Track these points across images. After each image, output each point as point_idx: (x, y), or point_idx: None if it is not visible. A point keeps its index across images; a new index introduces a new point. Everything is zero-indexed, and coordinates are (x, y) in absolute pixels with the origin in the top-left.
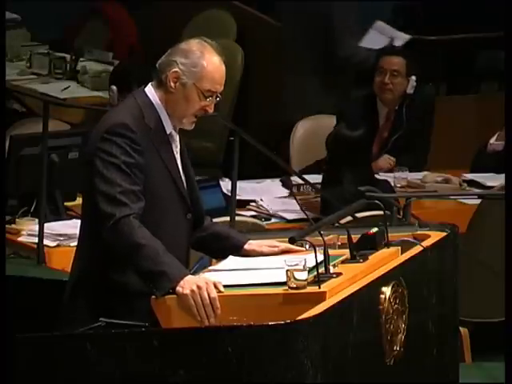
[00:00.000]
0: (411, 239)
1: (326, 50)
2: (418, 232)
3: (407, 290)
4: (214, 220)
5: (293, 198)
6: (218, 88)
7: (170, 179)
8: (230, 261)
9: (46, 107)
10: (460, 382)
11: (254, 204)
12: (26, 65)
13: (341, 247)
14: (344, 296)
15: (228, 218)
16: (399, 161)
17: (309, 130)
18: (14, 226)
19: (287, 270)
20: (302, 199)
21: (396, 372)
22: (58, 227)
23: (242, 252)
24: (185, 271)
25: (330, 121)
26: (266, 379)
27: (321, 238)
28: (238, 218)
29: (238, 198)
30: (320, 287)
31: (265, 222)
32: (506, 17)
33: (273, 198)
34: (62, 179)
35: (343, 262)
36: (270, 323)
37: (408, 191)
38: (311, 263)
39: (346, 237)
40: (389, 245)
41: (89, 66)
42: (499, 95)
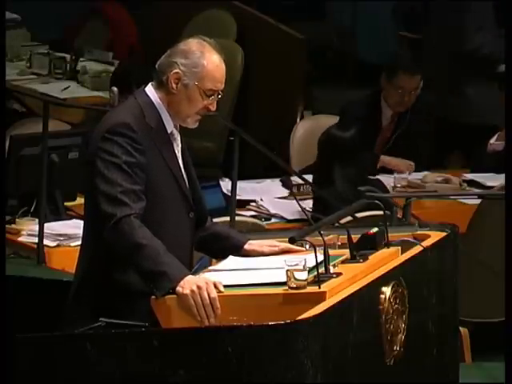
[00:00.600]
0: (411, 239)
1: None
2: (418, 232)
3: (407, 290)
4: (214, 220)
5: (293, 198)
6: (220, 86)
7: (172, 178)
8: (230, 261)
9: (46, 107)
10: (460, 382)
11: (254, 204)
12: (26, 65)
13: (341, 247)
14: (344, 296)
15: (228, 218)
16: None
17: (309, 130)
18: (13, 226)
19: (287, 270)
20: (301, 199)
21: (396, 372)
22: (58, 227)
23: (242, 252)
24: (185, 271)
25: (330, 121)
26: (266, 379)
27: (321, 238)
28: (238, 218)
29: (238, 198)
30: (320, 287)
31: (265, 222)
32: (505, 18)
33: (273, 198)
34: (62, 179)
35: (343, 262)
36: (270, 323)
37: (408, 191)
38: (311, 263)
39: (346, 237)
40: (389, 245)
41: (89, 65)
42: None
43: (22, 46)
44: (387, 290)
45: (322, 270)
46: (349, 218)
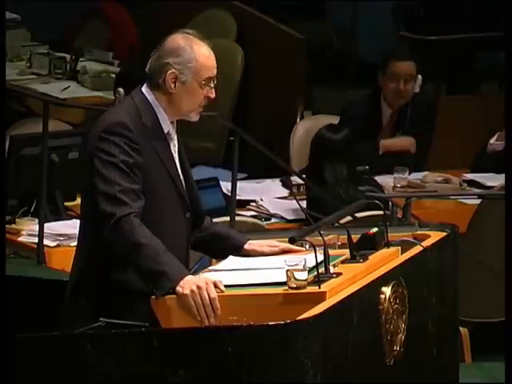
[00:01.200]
0: (411, 239)
1: None
2: (418, 232)
3: (407, 290)
4: (214, 220)
5: (293, 198)
6: (215, 71)
7: (169, 178)
8: (230, 261)
9: (46, 107)
10: (460, 382)
11: (254, 204)
12: (26, 65)
13: (341, 247)
14: (344, 296)
15: (228, 218)
16: (399, 161)
17: (309, 130)
18: (14, 226)
19: (287, 270)
20: (301, 199)
21: (396, 372)
22: (58, 227)
23: (242, 252)
24: (185, 271)
25: (330, 121)
26: (266, 379)
27: (321, 238)
28: (238, 218)
29: (237, 198)
30: (320, 287)
31: (265, 222)
32: (506, 17)
33: (273, 198)
34: (62, 179)
35: (343, 261)
36: (270, 323)
37: (408, 191)
38: (311, 263)
39: (346, 237)
40: (389, 245)
41: (89, 65)
42: (499, 95)
43: (22, 46)
44: (387, 290)
45: (321, 270)
46: (349, 218)
